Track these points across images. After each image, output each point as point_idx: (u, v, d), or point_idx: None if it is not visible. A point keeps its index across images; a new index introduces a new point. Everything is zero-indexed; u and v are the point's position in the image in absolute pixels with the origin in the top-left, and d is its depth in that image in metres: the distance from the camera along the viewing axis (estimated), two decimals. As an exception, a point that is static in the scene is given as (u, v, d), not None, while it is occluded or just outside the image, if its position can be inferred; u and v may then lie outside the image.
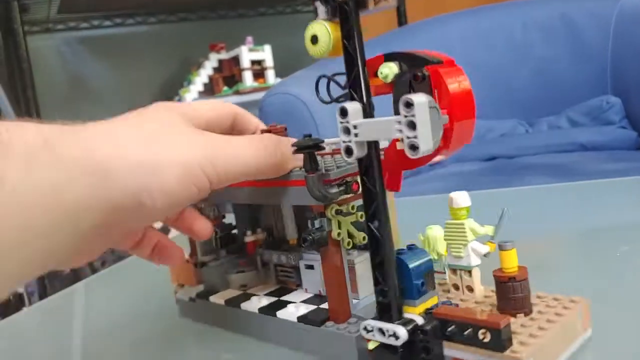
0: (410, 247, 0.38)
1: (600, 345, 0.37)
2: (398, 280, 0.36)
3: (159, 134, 0.37)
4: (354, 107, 0.34)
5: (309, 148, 0.40)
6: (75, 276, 1.74)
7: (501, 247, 0.37)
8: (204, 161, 0.37)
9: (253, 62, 2.53)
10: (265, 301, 0.47)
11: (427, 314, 0.36)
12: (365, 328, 0.36)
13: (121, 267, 0.85)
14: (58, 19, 2.57)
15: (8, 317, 0.69)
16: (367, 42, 0.34)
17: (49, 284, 1.79)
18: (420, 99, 0.31)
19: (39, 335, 0.62)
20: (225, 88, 2.57)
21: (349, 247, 0.42)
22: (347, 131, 0.34)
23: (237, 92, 2.48)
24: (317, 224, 0.43)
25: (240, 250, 0.54)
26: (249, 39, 2.57)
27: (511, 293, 0.36)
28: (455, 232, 0.41)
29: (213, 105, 0.45)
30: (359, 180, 0.37)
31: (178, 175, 0.36)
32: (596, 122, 1.60)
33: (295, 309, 0.45)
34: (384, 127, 0.32)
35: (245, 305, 0.48)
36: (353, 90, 0.34)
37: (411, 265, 0.36)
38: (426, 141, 0.31)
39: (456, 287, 0.42)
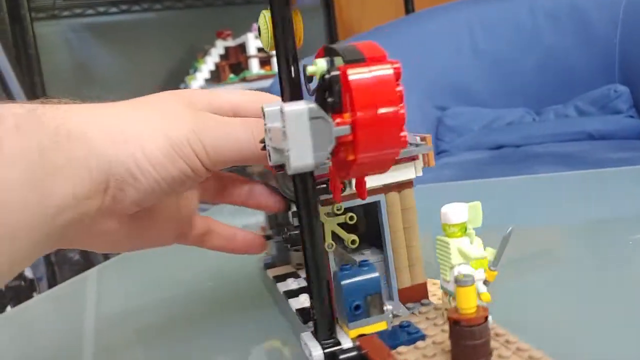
0: (362, 263, 0.34)
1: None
2: (336, 297, 0.33)
3: (145, 110, 0.38)
4: (272, 110, 0.31)
5: None
6: (87, 262, 1.74)
7: (458, 282, 0.31)
8: (191, 135, 0.37)
9: (260, 50, 2.52)
10: (295, 285, 0.47)
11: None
12: (301, 339, 0.34)
13: (134, 253, 0.85)
14: (64, 6, 2.57)
15: (20, 303, 0.69)
16: (373, 30, 0.32)
17: (58, 270, 1.80)
18: (292, 107, 0.27)
19: (53, 322, 0.62)
20: (232, 75, 2.57)
21: (331, 249, 0.38)
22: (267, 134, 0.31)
23: (244, 80, 2.48)
24: (296, 221, 0.39)
25: None
26: (256, 26, 2.55)
27: (462, 339, 0.30)
28: (443, 250, 0.35)
29: (244, 92, 0.45)
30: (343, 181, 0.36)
31: (161, 146, 0.36)
32: (604, 111, 1.59)
33: (304, 299, 0.44)
34: (276, 136, 0.29)
35: (279, 285, 0.48)
36: (281, 88, 0.31)
37: (344, 283, 0.32)
38: (299, 156, 0.28)
39: None
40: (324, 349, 0.32)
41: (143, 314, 0.57)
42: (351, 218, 0.37)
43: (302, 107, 0.28)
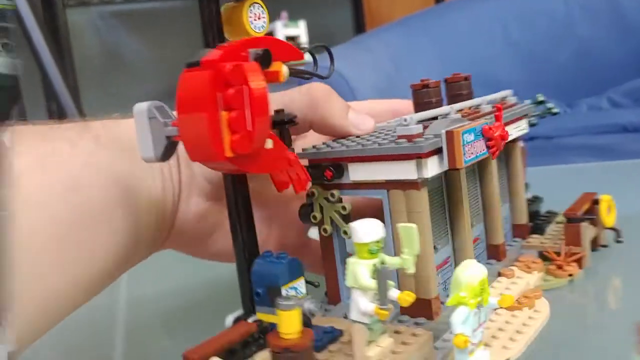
0: (281, 256, 0.35)
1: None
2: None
3: None
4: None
5: (281, 124, 0.36)
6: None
7: (278, 305, 0.29)
8: None
9: (288, 38, 2.51)
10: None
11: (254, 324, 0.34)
12: None
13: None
14: (94, -8, 2.59)
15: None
16: (403, 19, 0.32)
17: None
18: (139, 106, 0.32)
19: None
20: (260, 64, 2.57)
21: (326, 234, 0.40)
22: None
23: (272, 68, 2.47)
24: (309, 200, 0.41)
25: None
26: (284, 14, 2.55)
27: None
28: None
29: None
30: (332, 168, 0.38)
31: None
32: (638, 103, 1.57)
33: None
34: None
35: None
36: None
37: (253, 269, 0.35)
38: (144, 149, 0.32)
39: None
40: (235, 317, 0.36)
41: (171, 297, 0.58)
42: (344, 208, 0.38)
43: (143, 106, 0.32)
